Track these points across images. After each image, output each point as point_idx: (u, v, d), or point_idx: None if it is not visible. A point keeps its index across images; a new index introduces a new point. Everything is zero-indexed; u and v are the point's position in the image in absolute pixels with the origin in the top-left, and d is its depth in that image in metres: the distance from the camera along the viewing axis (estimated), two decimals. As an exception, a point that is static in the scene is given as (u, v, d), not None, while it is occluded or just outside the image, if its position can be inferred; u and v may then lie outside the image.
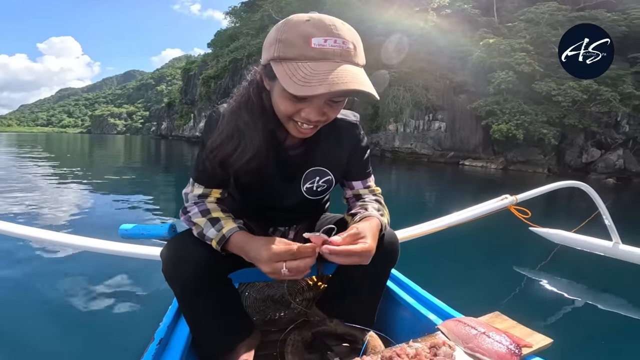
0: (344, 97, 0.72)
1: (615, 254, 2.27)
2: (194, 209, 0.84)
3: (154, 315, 1.71)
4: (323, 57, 0.63)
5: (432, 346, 0.74)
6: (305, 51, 0.63)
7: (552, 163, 17.97)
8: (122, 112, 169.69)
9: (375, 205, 0.91)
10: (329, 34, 0.64)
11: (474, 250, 3.52)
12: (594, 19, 18.37)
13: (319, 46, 0.63)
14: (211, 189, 0.86)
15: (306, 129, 0.74)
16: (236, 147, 0.78)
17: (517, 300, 2.25)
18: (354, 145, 0.93)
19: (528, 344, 0.79)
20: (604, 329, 1.94)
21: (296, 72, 0.63)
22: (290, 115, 0.72)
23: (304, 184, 0.90)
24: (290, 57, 0.64)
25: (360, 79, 0.65)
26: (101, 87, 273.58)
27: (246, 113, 0.78)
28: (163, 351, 0.83)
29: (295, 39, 0.64)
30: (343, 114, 0.91)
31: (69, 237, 1.27)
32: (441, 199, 7.86)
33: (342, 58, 0.65)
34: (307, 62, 0.63)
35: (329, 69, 0.63)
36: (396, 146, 22.09)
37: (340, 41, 0.64)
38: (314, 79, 0.61)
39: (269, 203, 0.96)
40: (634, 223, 5.78)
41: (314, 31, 0.64)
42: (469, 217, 1.82)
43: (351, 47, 0.66)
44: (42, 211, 4.16)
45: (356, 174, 0.96)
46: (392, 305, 1.11)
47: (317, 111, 0.70)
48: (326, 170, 0.91)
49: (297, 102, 0.69)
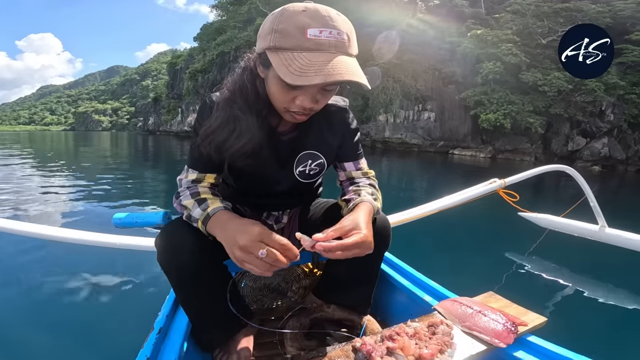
0: (336, 86, 0.75)
1: (601, 237, 2.32)
2: (185, 193, 0.84)
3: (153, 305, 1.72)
4: (318, 47, 0.65)
5: (430, 325, 0.76)
6: (301, 42, 0.65)
7: (539, 151, 18.32)
8: (106, 109, 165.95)
9: (369, 189, 0.92)
10: (324, 25, 0.65)
11: (466, 235, 3.60)
12: (579, 11, 18.63)
13: (314, 37, 0.65)
14: (205, 173, 0.87)
15: (300, 115, 0.76)
16: (232, 132, 0.78)
17: (509, 281, 2.31)
18: (344, 129, 0.95)
19: (523, 322, 0.81)
20: (594, 309, 2.01)
21: (292, 62, 0.64)
22: (284, 102, 0.74)
23: (297, 167, 0.92)
24: (286, 47, 0.66)
25: (353, 70, 0.67)
26: (84, 83, 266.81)
27: (241, 99, 0.79)
28: (163, 340, 0.83)
29: (291, 29, 0.65)
30: (333, 100, 0.94)
31: (62, 230, 1.25)
32: (432, 186, 7.97)
33: (337, 49, 0.66)
34: (303, 53, 0.65)
35: (324, 59, 0.65)
36: (386, 136, 22.20)
37: (335, 32, 0.66)
38: (310, 69, 0.63)
39: (263, 187, 0.97)
40: (620, 208, 5.96)
41: (310, 22, 0.65)
42: (459, 201, 1.85)
43: (345, 38, 0.67)
44: (32, 209, 4.07)
45: (347, 155, 0.98)
46: (389, 289, 1.13)
47: (311, 99, 0.72)
48: (318, 153, 0.93)
49: (291, 90, 0.71)
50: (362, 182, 0.96)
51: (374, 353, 0.64)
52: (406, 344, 0.67)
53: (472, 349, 0.73)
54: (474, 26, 21.41)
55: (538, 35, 19.77)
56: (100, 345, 1.47)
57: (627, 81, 16.91)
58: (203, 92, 37.09)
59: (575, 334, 1.65)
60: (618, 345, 1.66)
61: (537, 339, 0.79)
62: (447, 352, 0.70)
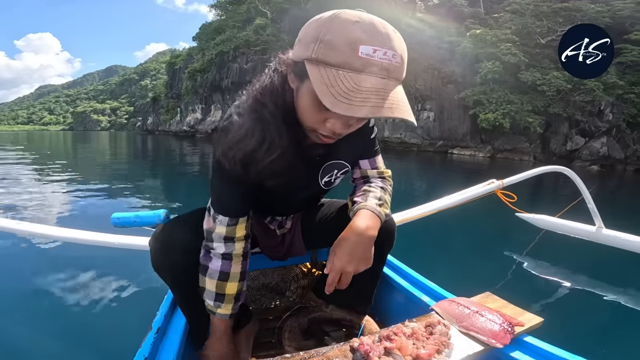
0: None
1: (598, 238, 2.32)
2: (216, 264, 0.79)
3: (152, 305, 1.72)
4: (367, 69, 0.55)
5: (428, 325, 0.76)
6: (350, 59, 0.54)
7: (538, 151, 18.35)
8: (105, 108, 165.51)
9: (377, 193, 0.87)
10: (380, 44, 0.55)
11: (463, 235, 3.62)
12: (578, 10, 18.65)
13: (366, 56, 0.54)
14: (236, 223, 0.78)
15: (327, 138, 0.68)
16: (261, 141, 0.68)
17: (506, 281, 2.32)
18: (365, 131, 0.88)
19: (520, 323, 0.81)
20: (590, 309, 2.02)
21: (336, 82, 0.54)
22: (313, 122, 0.65)
23: (322, 178, 0.88)
24: (331, 63, 0.55)
25: (404, 105, 0.58)
26: (82, 83, 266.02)
27: (271, 103, 0.69)
28: (161, 340, 0.83)
29: (340, 42, 0.55)
30: None
31: (60, 230, 1.25)
32: (431, 186, 7.98)
33: (389, 73, 0.57)
34: (350, 73, 0.55)
35: (372, 85, 0.55)
36: (386, 136, 22.24)
37: (391, 54, 0.56)
38: (356, 96, 0.54)
39: (281, 198, 0.91)
40: (618, 208, 5.97)
41: (364, 37, 0.55)
42: (457, 202, 1.85)
43: (399, 61, 0.58)
44: (29, 208, 4.06)
45: (364, 153, 0.94)
46: (387, 289, 1.13)
47: (344, 124, 0.64)
48: (344, 162, 0.89)
49: (325, 111, 0.60)
50: (375, 183, 0.92)
51: (371, 353, 0.64)
52: (404, 344, 0.67)
53: (469, 349, 0.74)
54: (473, 26, 21.43)
55: (537, 35, 19.79)
56: (99, 345, 1.47)
57: (626, 81, 16.94)
58: (202, 92, 37.09)
59: (572, 334, 1.65)
60: (614, 346, 1.66)
61: (534, 340, 0.79)
62: (445, 352, 0.71)
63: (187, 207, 0.99)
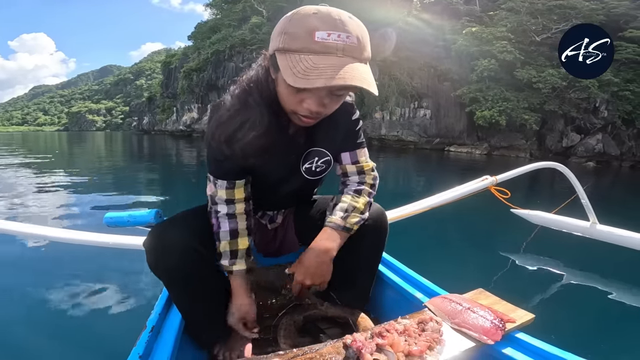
0: (345, 91, 0.73)
1: (592, 234, 2.34)
2: (224, 224, 0.89)
3: (146, 304, 1.72)
4: (325, 50, 0.64)
5: (420, 322, 0.77)
6: (308, 44, 0.64)
7: (534, 148, 18.45)
8: (100, 108, 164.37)
9: (346, 203, 0.91)
10: (333, 28, 0.64)
11: (457, 232, 3.63)
12: (572, 8, 18.72)
13: (322, 40, 0.63)
14: (233, 186, 0.88)
15: (307, 118, 0.75)
16: (244, 121, 0.78)
17: (499, 278, 2.33)
18: (347, 122, 0.94)
19: (511, 319, 0.82)
20: (583, 305, 2.03)
21: (297, 64, 0.64)
22: (292, 104, 0.73)
23: (304, 164, 0.92)
24: (294, 49, 0.65)
25: (360, 75, 0.65)
26: (77, 83, 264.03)
27: (256, 91, 0.79)
28: (156, 338, 0.83)
29: (300, 31, 0.65)
30: None
31: (53, 230, 1.25)
32: (428, 183, 8.00)
33: (345, 52, 0.65)
34: (309, 55, 0.64)
35: (330, 63, 0.63)
36: (383, 134, 22.25)
37: (345, 35, 0.64)
38: (313, 72, 0.62)
39: (269, 185, 0.96)
40: (613, 204, 6.01)
41: (319, 24, 0.64)
42: (451, 198, 1.86)
43: (355, 42, 0.66)
44: (22, 208, 4.04)
45: (346, 144, 0.96)
46: (381, 286, 1.14)
47: (318, 102, 0.71)
48: (324, 150, 0.93)
49: (299, 92, 0.70)
50: (350, 186, 0.96)
51: (363, 350, 0.65)
52: (395, 340, 0.68)
53: (460, 346, 0.74)
54: (469, 24, 21.46)
55: (532, 33, 19.86)
56: (93, 345, 1.47)
57: (621, 78, 17.04)
58: (198, 91, 36.91)
59: (563, 331, 1.66)
60: (605, 342, 1.68)
61: (525, 336, 0.80)
62: (436, 349, 0.71)
63: (182, 206, 0.99)
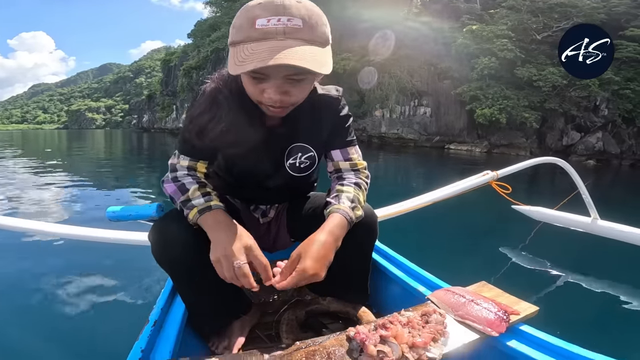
0: (304, 75, 0.70)
1: (593, 229, 2.34)
2: (187, 179, 0.85)
3: (149, 299, 1.72)
4: (265, 36, 0.63)
5: (424, 314, 0.76)
6: (249, 33, 0.64)
7: (534, 146, 18.42)
8: (100, 106, 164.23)
9: (351, 192, 0.87)
10: (274, 13, 0.63)
11: (460, 227, 3.64)
12: (574, 7, 18.67)
13: (262, 26, 0.63)
14: (196, 161, 0.87)
15: (275, 109, 0.74)
16: (212, 118, 0.80)
17: (502, 272, 2.34)
18: (334, 118, 0.92)
19: (515, 312, 0.81)
20: (585, 299, 2.04)
21: (239, 54, 0.64)
22: (255, 95, 0.73)
23: (287, 160, 0.91)
24: (239, 41, 0.66)
25: (298, 54, 0.63)
26: (76, 81, 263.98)
27: (226, 89, 0.82)
28: (158, 333, 0.83)
29: (243, 22, 0.65)
30: (325, 90, 0.91)
31: (56, 226, 1.25)
32: (428, 180, 8.01)
33: (287, 35, 0.64)
34: (250, 44, 0.64)
35: (268, 47, 0.63)
36: (383, 132, 22.24)
37: (285, 19, 0.64)
38: (249, 58, 0.62)
39: (255, 179, 0.95)
40: (613, 202, 6.02)
41: (261, 12, 0.64)
42: (452, 193, 1.86)
43: (299, 24, 0.64)
44: (25, 205, 4.04)
45: (335, 142, 0.94)
46: (383, 280, 1.13)
47: (277, 90, 0.70)
48: (307, 146, 0.91)
49: (257, 83, 0.70)
50: (348, 179, 0.92)
51: (367, 341, 0.64)
52: (399, 332, 0.67)
53: (465, 338, 0.74)
54: (469, 22, 21.39)
55: (533, 31, 19.81)
56: (96, 339, 1.47)
57: (621, 76, 16.99)
58: (198, 89, 36.78)
59: (567, 323, 1.67)
60: (608, 334, 1.69)
61: (529, 328, 0.79)
62: (441, 341, 0.71)
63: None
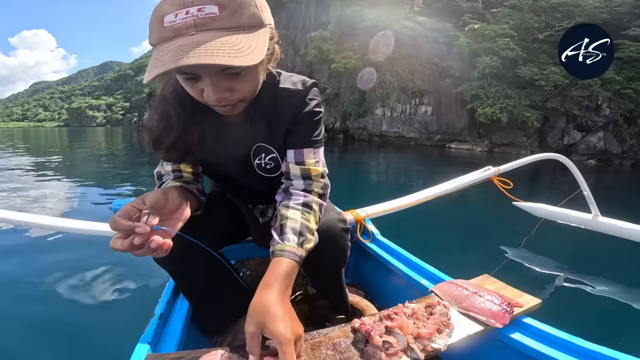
0: (238, 69, 0.61)
1: (594, 226, 2.34)
2: (169, 178, 0.83)
3: (154, 292, 1.73)
4: (175, 34, 0.56)
5: (428, 306, 0.77)
6: (160, 33, 0.57)
7: (535, 145, 18.39)
8: (100, 104, 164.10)
9: (297, 221, 0.72)
10: (180, 6, 0.55)
11: (462, 222, 3.65)
12: (576, 6, 18.61)
13: (170, 24, 0.56)
14: (179, 165, 0.84)
15: (222, 107, 0.68)
16: (163, 128, 0.76)
17: (504, 266, 2.35)
18: (295, 114, 0.80)
19: (518, 304, 0.82)
20: (586, 293, 2.04)
21: (153, 59, 0.57)
22: (197, 97, 0.66)
23: (254, 159, 0.85)
24: (153, 43, 0.59)
25: (208, 49, 0.54)
26: (77, 79, 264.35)
27: (172, 97, 0.76)
28: (164, 326, 0.84)
29: (153, 23, 0.58)
30: (291, 82, 0.80)
31: (62, 220, 1.25)
32: (429, 179, 7.98)
33: (200, 28, 0.56)
34: (162, 44, 0.57)
35: (175, 47, 0.55)
36: (383, 130, 22.23)
37: (195, 9, 0.55)
38: (155, 63, 0.55)
39: (232, 181, 0.93)
40: (614, 201, 6.02)
41: (168, 8, 0.56)
42: (453, 188, 1.86)
43: (214, 12, 0.56)
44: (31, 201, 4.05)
45: (291, 140, 0.81)
46: (387, 274, 1.14)
47: (215, 88, 0.62)
48: (268, 146, 0.83)
49: (193, 84, 0.63)
50: (295, 197, 0.77)
51: (372, 332, 0.65)
52: (404, 323, 0.68)
53: (469, 329, 0.75)
54: (471, 20, 21.33)
55: (535, 30, 19.75)
56: (102, 332, 1.47)
57: (623, 76, 16.94)
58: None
59: (569, 316, 1.69)
60: (609, 327, 1.71)
61: (532, 321, 0.80)
62: (445, 332, 0.72)
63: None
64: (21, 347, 1.41)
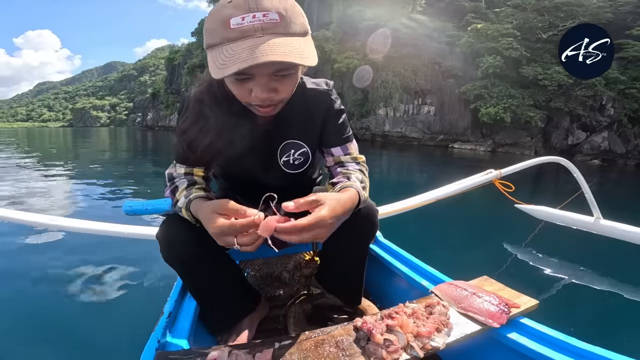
0: (289, 70, 0.69)
1: (596, 229, 2.34)
2: (182, 180, 0.85)
3: (163, 291, 1.77)
4: (243, 35, 0.61)
5: (428, 306, 0.80)
6: (225, 34, 0.62)
7: (539, 145, 18.31)
8: (104, 104, 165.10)
9: (359, 175, 0.86)
10: (246, 11, 0.61)
11: (463, 225, 3.67)
12: (580, 5, 18.51)
13: (237, 26, 0.61)
14: (192, 167, 0.88)
15: (264, 108, 0.73)
16: (200, 129, 0.80)
17: (504, 268, 2.37)
18: (326, 113, 0.90)
19: (516, 305, 0.84)
20: (585, 295, 2.06)
21: (218, 57, 0.62)
22: (243, 97, 0.71)
23: (281, 157, 0.90)
24: (215, 44, 0.64)
25: (281, 49, 0.61)
26: (81, 79, 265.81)
27: (208, 97, 0.80)
28: (173, 324, 0.86)
29: (215, 24, 0.64)
30: (315, 84, 0.90)
31: (73, 221, 1.28)
32: (432, 179, 7.99)
33: (266, 31, 0.62)
34: (229, 44, 0.62)
35: (248, 46, 0.60)
36: (386, 130, 22.21)
37: (260, 14, 0.61)
38: (230, 59, 0.61)
39: (252, 180, 0.95)
40: (618, 201, 6.00)
41: (233, 12, 0.62)
42: (455, 191, 1.88)
43: (276, 18, 0.62)
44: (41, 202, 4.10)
45: (333, 139, 0.92)
46: (387, 275, 1.16)
47: (263, 88, 0.68)
48: (300, 142, 0.90)
49: (243, 83, 0.68)
50: (352, 166, 0.91)
51: (374, 330, 0.67)
52: (405, 321, 0.71)
53: (467, 329, 0.77)
54: (474, 20, 21.27)
55: (538, 30, 19.66)
56: (113, 330, 1.51)
57: (627, 76, 16.84)
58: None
59: (566, 318, 1.70)
60: (607, 330, 1.72)
61: (529, 321, 0.82)
62: (444, 331, 0.74)
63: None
64: (34, 346, 1.44)
